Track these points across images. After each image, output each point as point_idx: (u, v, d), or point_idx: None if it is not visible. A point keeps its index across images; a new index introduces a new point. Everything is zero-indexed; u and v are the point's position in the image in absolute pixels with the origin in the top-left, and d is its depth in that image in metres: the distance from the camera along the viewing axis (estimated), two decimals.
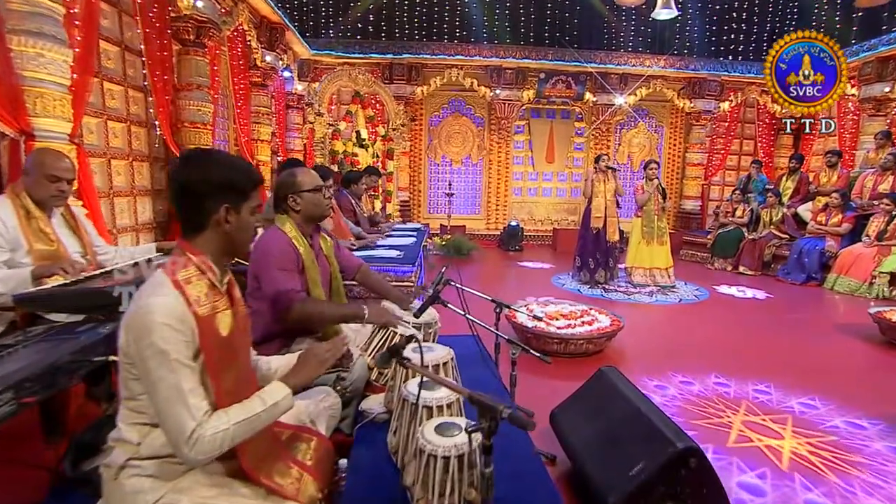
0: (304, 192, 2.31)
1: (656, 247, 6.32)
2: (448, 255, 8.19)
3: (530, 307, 4.38)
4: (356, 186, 5.24)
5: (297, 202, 2.28)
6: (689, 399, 3.15)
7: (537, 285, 6.31)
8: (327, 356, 1.56)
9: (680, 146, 10.31)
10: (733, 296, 6.09)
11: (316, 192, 2.36)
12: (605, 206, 6.25)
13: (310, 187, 2.34)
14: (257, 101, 7.31)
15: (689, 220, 10.01)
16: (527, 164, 10.17)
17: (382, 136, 8.52)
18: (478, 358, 3.02)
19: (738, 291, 6.27)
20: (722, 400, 3.14)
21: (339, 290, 2.58)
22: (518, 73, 9.33)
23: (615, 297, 5.76)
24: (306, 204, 2.30)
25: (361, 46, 9.08)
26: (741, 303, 5.77)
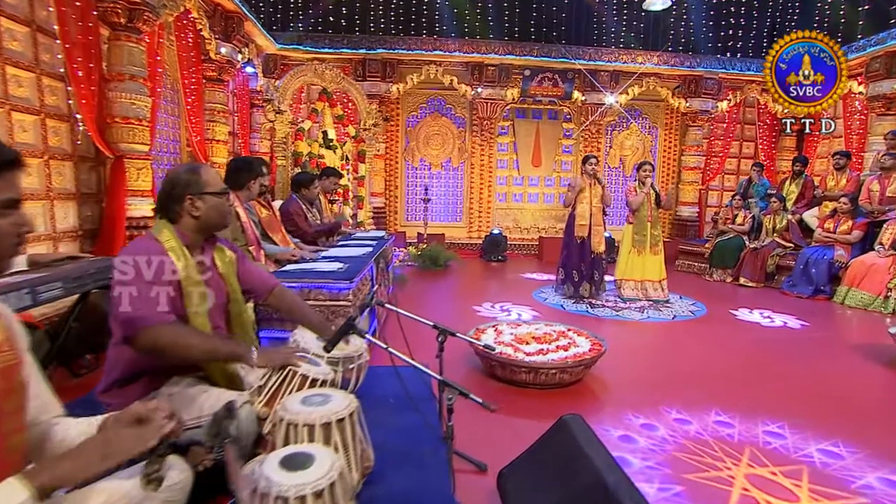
0: (209, 195, 1.84)
1: (649, 257, 5.84)
2: (423, 267, 7.69)
3: (499, 328, 3.87)
4: (308, 191, 4.74)
5: (197, 206, 1.83)
6: (681, 444, 2.64)
7: (517, 299, 5.81)
8: (131, 439, 1.05)
9: (675, 149, 9.89)
10: (759, 325, 5.07)
11: (222, 195, 1.89)
12: (591, 214, 5.79)
13: (216, 189, 1.87)
14: (212, 98, 6.81)
15: (685, 228, 9.56)
16: (511, 168, 9.71)
17: (353, 137, 8.05)
18: (427, 394, 2.53)
19: (763, 318, 5.30)
20: (723, 445, 2.63)
21: (240, 318, 2.07)
22: (501, 70, 8.89)
23: (602, 314, 5.27)
24: (209, 209, 1.84)
25: (332, 41, 8.63)
26: (749, 325, 5.27)
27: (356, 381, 2.20)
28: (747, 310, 5.60)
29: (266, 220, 3.89)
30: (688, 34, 9.46)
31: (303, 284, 3.01)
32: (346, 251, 4.14)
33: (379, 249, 4.41)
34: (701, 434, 2.76)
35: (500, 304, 5.61)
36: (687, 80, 9.19)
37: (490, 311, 5.33)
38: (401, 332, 2.47)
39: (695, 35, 9.44)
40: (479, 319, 4.95)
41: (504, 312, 5.31)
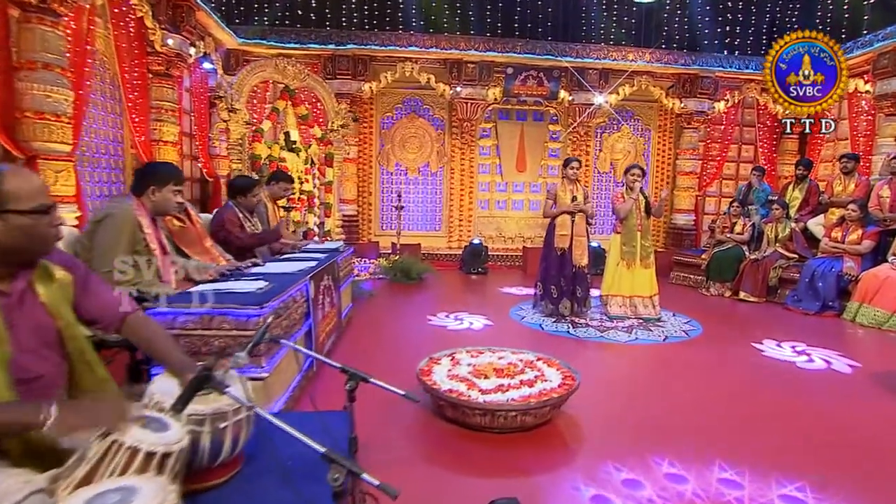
0: (11, 213, 1.33)
1: (639, 270, 5.35)
2: (395, 280, 7.19)
3: (457, 356, 3.35)
4: (245, 198, 4.24)
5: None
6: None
7: (490, 318, 5.30)
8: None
9: (670, 152, 9.45)
10: (793, 364, 4.08)
11: (40, 214, 1.38)
12: (573, 223, 5.30)
13: (28, 206, 1.36)
14: (160, 95, 6.32)
15: (680, 237, 9.09)
16: (494, 173, 9.23)
17: (319, 139, 7.55)
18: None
19: (795, 355, 4.30)
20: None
21: (84, 357, 1.57)
22: (482, 68, 8.45)
23: (584, 335, 4.76)
24: (9, 231, 1.34)
25: (299, 35, 8.16)
26: (772, 362, 4.75)
27: (233, 445, 1.67)
28: (774, 342, 4.61)
29: (179, 232, 3.37)
30: (682, 30, 9.04)
31: (203, 311, 2.49)
32: (284, 266, 3.62)
33: (325, 264, 3.90)
34: (701, 494, 2.25)
35: (455, 313, 5.18)
36: (682, 79, 8.77)
37: (442, 321, 5.02)
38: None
39: (690, 31, 9.03)
40: (432, 338, 4.44)
41: (457, 322, 5.02)
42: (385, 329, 4.93)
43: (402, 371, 3.16)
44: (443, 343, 4.09)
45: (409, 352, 3.84)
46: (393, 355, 4.05)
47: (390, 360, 3.86)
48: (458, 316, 5.27)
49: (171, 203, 2.95)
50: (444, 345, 3.74)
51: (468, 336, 4.69)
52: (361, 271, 7.44)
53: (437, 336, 4.68)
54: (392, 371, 3.10)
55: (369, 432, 2.59)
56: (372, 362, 3.94)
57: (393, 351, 4.23)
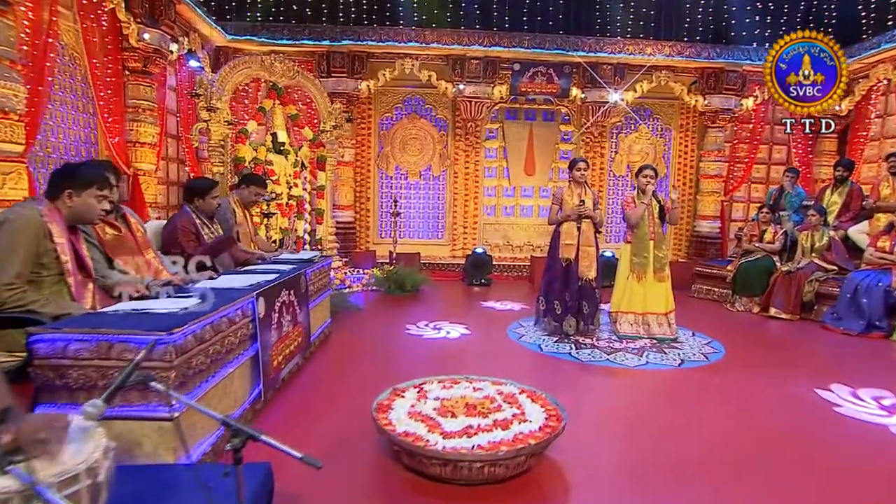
0: None
1: (652, 284, 4.85)
2: (389, 292, 6.79)
3: (425, 388, 2.91)
4: (203, 201, 3.89)
5: None
6: None
7: (483, 336, 4.84)
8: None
9: (693, 154, 8.90)
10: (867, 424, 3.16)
11: None
12: (579, 231, 4.83)
13: None
14: (137, 93, 6.05)
15: (704, 246, 8.52)
16: (501, 177, 8.81)
17: (310, 141, 7.22)
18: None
19: (880, 407, 3.39)
20: None
21: None
22: (486, 64, 8.05)
23: (588, 358, 4.27)
24: None
25: (292, 31, 7.87)
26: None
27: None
28: (848, 389, 3.67)
29: (112, 241, 3.02)
30: (706, 20, 8.50)
31: (100, 337, 2.09)
32: (236, 280, 3.24)
33: (285, 277, 3.51)
34: None
35: (435, 322, 4.82)
36: (705, 74, 8.25)
37: (419, 331, 4.87)
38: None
39: (714, 21, 8.48)
40: (415, 360, 4.00)
41: (435, 331, 4.75)
42: (364, 348, 4.51)
43: (371, 400, 2.74)
44: (426, 367, 3.68)
45: (386, 375, 3.42)
46: (367, 379, 3.63)
47: (362, 384, 3.44)
48: (437, 325, 4.91)
49: (94, 210, 2.59)
50: (427, 369, 3.33)
51: (456, 358, 4.25)
52: (354, 282, 7.07)
53: (422, 358, 4.25)
54: (360, 399, 2.69)
55: (309, 480, 2.18)
56: (338, 388, 3.53)
57: (368, 374, 3.81)
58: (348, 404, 3.16)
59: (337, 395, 3.40)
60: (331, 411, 3.12)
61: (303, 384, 3.58)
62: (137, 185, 6.05)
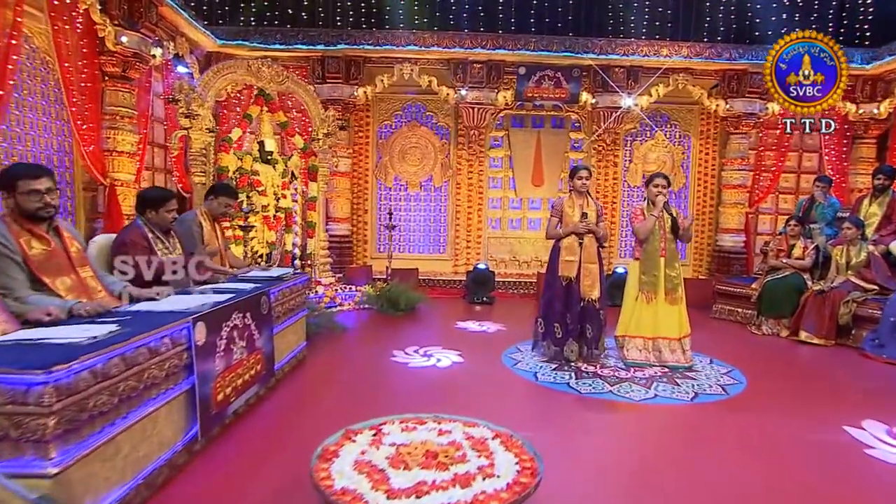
0: None
1: (663, 306, 4.43)
2: (381, 311, 6.46)
3: (384, 430, 2.55)
4: (157, 214, 3.61)
5: None
6: None
7: (472, 362, 4.46)
8: None
9: (714, 162, 8.47)
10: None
11: None
12: (581, 247, 4.46)
13: None
14: (115, 100, 5.87)
15: (728, 262, 8.05)
16: (507, 188, 8.48)
17: (301, 150, 6.98)
18: None
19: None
20: None
21: None
22: (490, 69, 7.77)
23: (588, 389, 3.87)
24: None
25: (285, 36, 7.68)
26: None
27: None
28: (884, 427, 3.24)
29: (40, 258, 2.73)
30: (727, 18, 8.09)
31: None
32: (181, 301, 2.93)
33: (240, 298, 3.20)
34: None
35: (426, 348, 4.43)
36: (727, 76, 7.84)
37: (406, 357, 4.40)
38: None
39: (737, 19, 8.07)
40: (392, 390, 3.64)
41: (424, 358, 4.38)
42: (340, 377, 4.16)
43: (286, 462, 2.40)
44: (404, 400, 3.35)
45: (355, 411, 3.09)
46: (332, 414, 3.29)
47: (323, 422, 3.09)
48: (428, 351, 4.53)
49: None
50: (405, 403, 2.99)
51: (439, 389, 3.89)
52: (346, 300, 6.76)
53: (400, 390, 3.89)
54: (315, 441, 2.34)
55: None
56: (297, 425, 3.19)
57: (334, 408, 3.46)
58: (299, 447, 2.80)
59: (292, 433, 3.06)
60: (278, 455, 2.78)
61: (258, 419, 3.25)
62: (114, 196, 5.84)
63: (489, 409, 3.43)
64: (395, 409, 2.81)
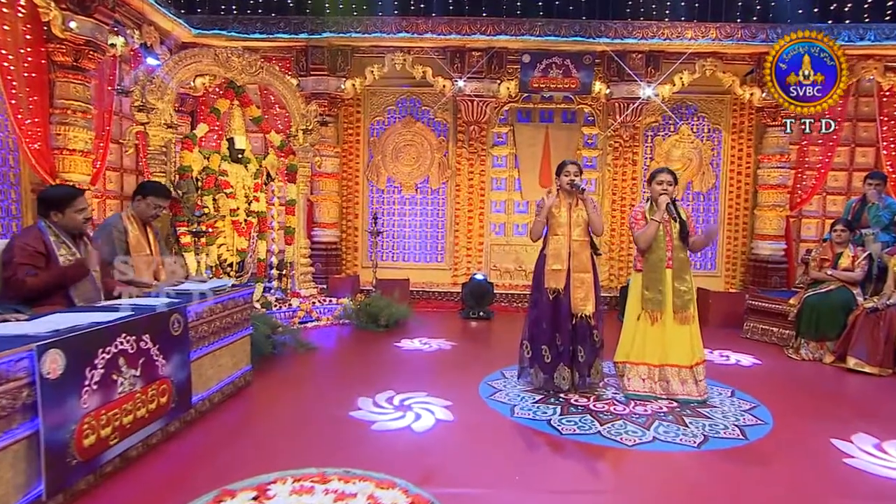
0: None
1: (671, 327, 3.83)
2: (361, 327, 6.01)
3: (270, 489, 2.05)
4: (63, 215, 3.22)
5: None
6: None
7: (449, 393, 3.92)
8: None
9: (749, 159, 7.81)
10: None
11: None
12: (570, 252, 3.91)
13: None
14: (65, 92, 5.58)
15: (765, 273, 7.34)
16: (511, 190, 7.98)
17: (279, 148, 6.61)
18: None
19: None
20: None
21: None
22: (490, 57, 7.30)
23: (571, 430, 3.28)
24: None
25: (266, 24, 7.36)
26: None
27: None
28: None
29: None
30: None
31: None
32: (53, 321, 2.52)
33: (134, 317, 2.77)
34: None
35: (404, 394, 3.78)
36: (763, 61, 7.13)
37: (368, 415, 3.46)
38: None
39: None
40: (334, 434, 3.13)
41: (399, 412, 3.50)
42: (283, 413, 3.68)
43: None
44: (343, 454, 2.84)
45: (281, 456, 2.62)
46: (255, 461, 2.81)
47: (244, 468, 2.61)
48: (405, 400, 3.71)
49: None
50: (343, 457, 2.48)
51: (395, 437, 3.35)
52: (324, 314, 6.32)
53: (345, 442, 3.38)
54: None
55: None
56: (189, 480, 2.70)
57: (261, 454, 2.98)
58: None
59: (186, 483, 2.58)
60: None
61: (158, 462, 2.79)
62: None
63: (433, 454, 2.92)
64: (318, 458, 2.31)
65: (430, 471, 2.64)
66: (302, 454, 2.78)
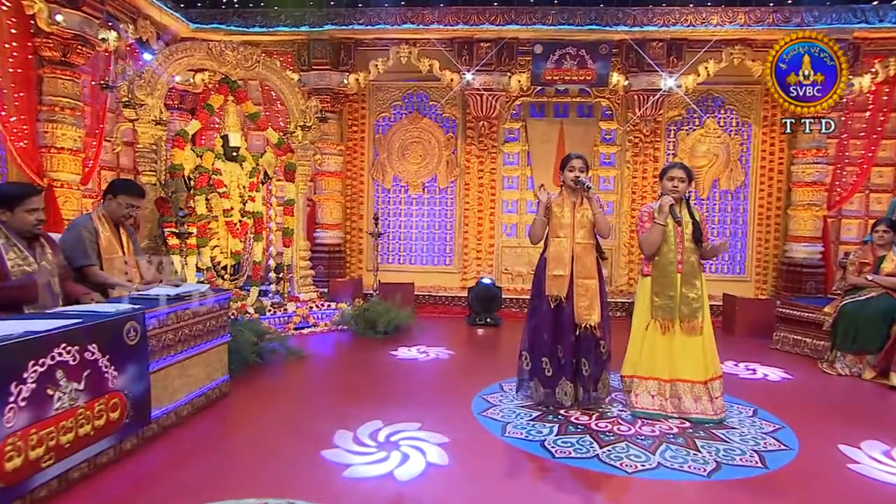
0: None
1: (681, 338, 3.52)
2: (359, 333, 5.81)
3: None
4: (13, 215, 3.08)
5: None
6: None
7: (439, 413, 3.66)
8: None
9: (782, 155, 7.44)
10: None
11: None
12: (573, 256, 3.63)
13: None
14: (54, 89, 5.53)
15: (800, 278, 6.94)
16: (524, 189, 7.72)
17: (276, 146, 6.46)
18: None
19: None
20: None
21: None
22: (500, 48, 7.05)
23: (566, 453, 3.00)
24: None
25: (266, 17, 7.25)
26: None
27: None
28: None
29: None
30: None
31: None
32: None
33: (74, 327, 2.59)
34: None
35: (392, 426, 3.34)
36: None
37: (344, 455, 2.95)
38: None
39: None
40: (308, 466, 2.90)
41: (383, 452, 2.98)
42: (255, 433, 3.48)
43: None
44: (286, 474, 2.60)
45: (235, 482, 2.40)
46: (210, 485, 2.61)
47: (194, 495, 2.41)
48: (393, 434, 3.18)
49: None
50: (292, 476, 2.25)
51: (372, 489, 3.09)
52: (322, 320, 6.14)
53: (301, 459, 3.15)
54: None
55: None
56: (151, 493, 2.51)
57: (214, 478, 2.78)
58: None
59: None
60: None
61: (92, 489, 2.59)
62: (53, 198, 5.48)
63: (416, 482, 2.67)
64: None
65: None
66: (255, 489, 2.55)
